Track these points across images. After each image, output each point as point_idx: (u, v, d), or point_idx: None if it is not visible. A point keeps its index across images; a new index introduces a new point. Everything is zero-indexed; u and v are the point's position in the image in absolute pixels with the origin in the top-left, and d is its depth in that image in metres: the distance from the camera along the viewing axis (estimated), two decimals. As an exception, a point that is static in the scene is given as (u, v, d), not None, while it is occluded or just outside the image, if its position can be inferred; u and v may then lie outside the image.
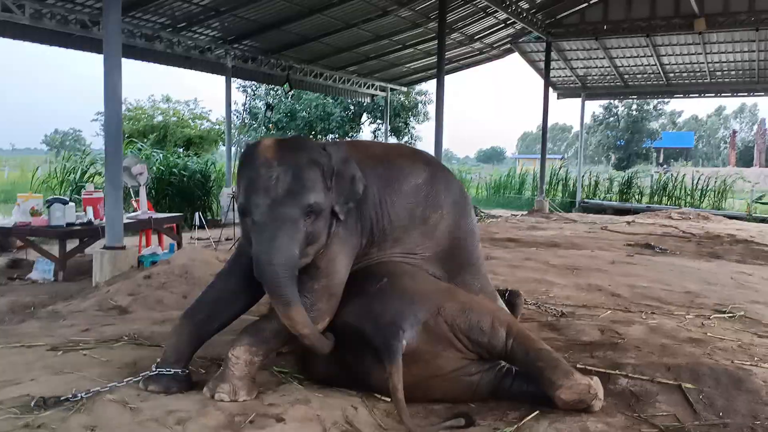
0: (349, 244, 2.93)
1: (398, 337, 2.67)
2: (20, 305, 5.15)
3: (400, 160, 3.28)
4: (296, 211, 2.61)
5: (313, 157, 2.73)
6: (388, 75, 17.41)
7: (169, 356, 2.84)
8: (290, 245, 2.58)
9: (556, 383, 2.70)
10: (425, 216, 3.21)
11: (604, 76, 18.14)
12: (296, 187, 2.62)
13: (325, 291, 2.81)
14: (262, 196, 2.62)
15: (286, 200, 2.60)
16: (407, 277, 3.00)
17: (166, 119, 20.23)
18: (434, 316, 2.81)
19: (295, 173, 2.64)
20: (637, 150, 39.76)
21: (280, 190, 2.61)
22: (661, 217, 13.13)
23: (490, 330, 2.83)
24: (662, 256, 7.83)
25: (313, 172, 2.70)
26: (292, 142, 2.82)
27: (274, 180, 2.61)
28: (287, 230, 2.59)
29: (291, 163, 2.66)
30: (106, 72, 5.85)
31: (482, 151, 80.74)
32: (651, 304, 4.83)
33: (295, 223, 2.60)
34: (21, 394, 2.60)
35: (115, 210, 5.98)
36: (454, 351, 2.85)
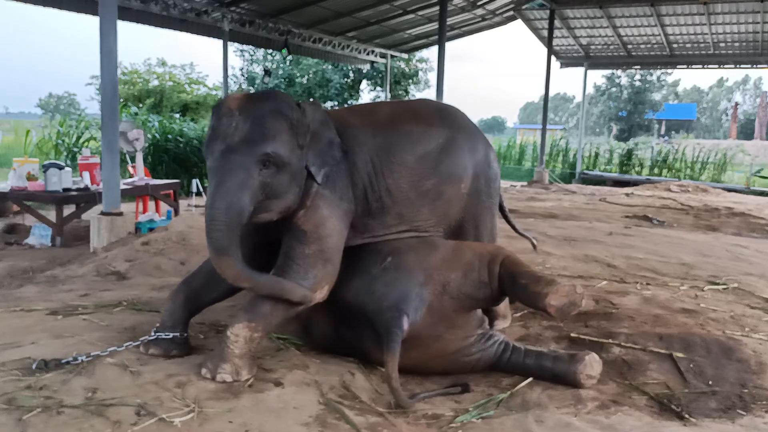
0: (340, 209, 2.82)
1: (399, 324, 2.65)
2: (18, 270, 5.17)
3: (409, 125, 3.07)
4: (248, 159, 2.52)
5: (278, 108, 2.64)
6: (389, 41, 17.21)
7: (166, 320, 2.86)
8: (236, 192, 2.50)
9: (542, 293, 2.67)
10: (438, 191, 3.05)
11: (607, 46, 17.94)
12: (253, 135, 2.54)
13: (318, 256, 2.72)
14: (218, 143, 2.57)
15: (239, 146, 2.53)
16: (412, 253, 2.90)
17: (162, 84, 20.06)
18: (439, 295, 2.78)
19: (255, 122, 2.56)
20: (639, 121, 39.64)
21: (237, 137, 2.54)
22: (660, 190, 13.13)
23: (489, 276, 2.83)
24: (659, 228, 7.86)
25: (277, 122, 2.60)
26: (261, 93, 2.75)
27: (233, 128, 2.55)
28: (236, 176, 2.51)
29: (252, 112, 2.59)
30: (101, 35, 5.77)
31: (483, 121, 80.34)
32: (646, 275, 4.87)
33: (246, 170, 2.52)
34: (22, 356, 2.63)
35: (112, 176, 5.96)
36: (457, 330, 2.86)
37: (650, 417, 2.57)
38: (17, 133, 14.58)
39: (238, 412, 2.31)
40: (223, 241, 2.48)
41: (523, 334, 3.42)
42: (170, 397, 2.37)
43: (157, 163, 12.08)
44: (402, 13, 14.87)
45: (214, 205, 2.51)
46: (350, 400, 2.57)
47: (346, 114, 3.13)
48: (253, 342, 2.64)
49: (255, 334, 2.63)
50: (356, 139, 2.93)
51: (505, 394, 2.71)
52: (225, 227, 2.48)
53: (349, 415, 2.39)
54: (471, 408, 2.60)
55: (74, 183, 6.97)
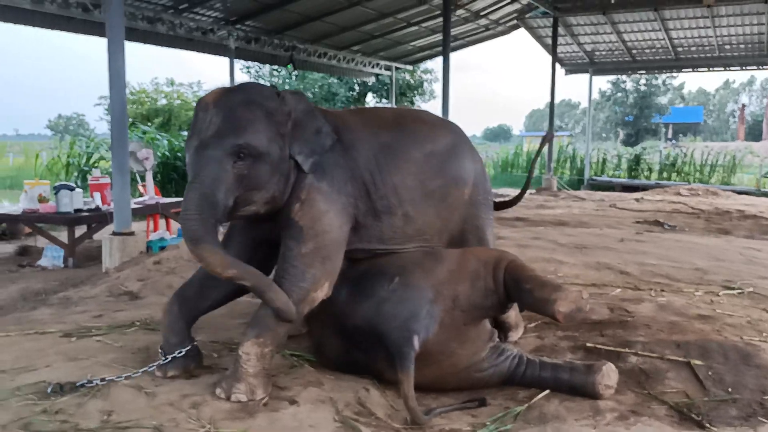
0: (338, 203, 2.75)
1: (411, 344, 2.63)
2: (31, 292, 5.20)
3: (415, 125, 3.06)
4: (219, 152, 2.48)
5: (251, 98, 2.60)
6: (393, 53, 17.29)
7: (169, 338, 2.79)
8: (210, 185, 2.46)
9: (549, 299, 2.64)
10: (444, 193, 3.01)
11: (611, 51, 17.95)
12: (225, 128, 2.50)
13: (315, 254, 2.65)
14: (194, 139, 2.56)
15: (211, 140, 2.50)
16: (419, 270, 2.86)
17: (170, 102, 20.21)
18: (450, 311, 2.75)
19: (226, 114, 2.52)
20: (646, 125, 39.59)
21: (210, 131, 2.51)
22: (670, 194, 13.06)
23: (495, 283, 2.82)
24: (671, 232, 7.81)
25: (249, 113, 2.55)
26: (238, 86, 2.72)
27: (207, 123, 2.52)
28: (208, 171, 2.47)
29: (225, 105, 2.55)
30: (110, 56, 5.83)
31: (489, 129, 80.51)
32: (660, 282, 4.82)
33: (218, 163, 2.48)
34: (37, 380, 2.63)
35: (123, 195, 5.99)
36: (469, 345, 2.84)
37: (671, 427, 2.53)
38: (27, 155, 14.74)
39: (254, 431, 2.29)
40: (198, 230, 2.44)
41: (538, 345, 3.39)
42: (186, 418, 2.36)
43: (166, 182, 12.15)
44: (406, 26, 14.96)
45: (187, 198, 2.50)
46: (366, 416, 2.55)
47: (345, 113, 3.09)
48: (265, 358, 2.59)
49: (265, 349, 2.58)
50: (357, 135, 2.88)
51: (522, 407, 2.68)
52: (198, 218, 2.44)
53: (366, 432, 2.38)
54: (488, 422, 2.57)
55: (85, 204, 7.03)
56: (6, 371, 2.79)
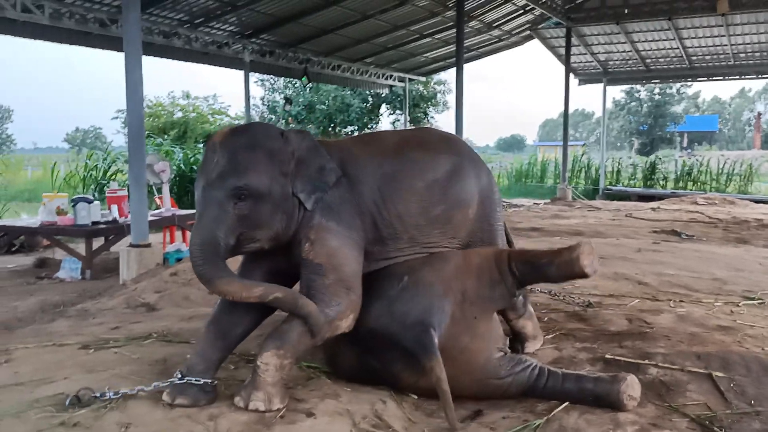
0: (350, 239, 2.82)
1: (430, 336, 2.66)
2: (50, 304, 5.24)
3: (416, 153, 3.07)
4: (220, 194, 2.60)
5: (254, 140, 2.71)
6: (407, 65, 17.36)
7: (196, 364, 2.71)
8: (211, 226, 2.59)
9: (573, 258, 2.71)
10: (448, 216, 3.06)
11: (625, 61, 17.90)
12: (226, 170, 2.61)
13: (339, 285, 2.72)
14: (201, 179, 2.68)
15: (215, 182, 2.62)
16: (427, 268, 2.92)
17: (185, 115, 20.40)
18: (460, 304, 2.81)
19: (230, 156, 2.63)
20: (661, 134, 39.38)
21: (214, 173, 2.63)
22: (686, 203, 12.95)
23: (500, 274, 2.89)
24: (689, 242, 7.73)
25: (251, 155, 2.66)
26: (243, 127, 2.84)
27: (214, 163, 2.64)
28: (210, 212, 2.61)
29: (229, 146, 2.66)
30: (127, 70, 5.90)
31: (502, 140, 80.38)
32: (679, 292, 4.77)
33: (220, 205, 2.60)
34: (56, 392, 2.64)
35: (140, 208, 6.05)
36: (479, 340, 2.84)
37: (692, 440, 2.50)
38: (45, 168, 14.91)
39: (272, 444, 2.29)
40: (207, 271, 2.57)
41: (557, 357, 3.35)
42: (203, 430, 2.36)
43: (183, 194, 12.24)
44: (419, 38, 15.03)
45: (192, 241, 2.65)
46: (383, 429, 2.53)
47: (350, 144, 3.13)
48: (284, 369, 2.62)
49: (284, 361, 2.61)
50: (362, 168, 2.94)
51: (542, 420, 2.65)
52: (203, 260, 2.57)
53: (384, 445, 2.36)
54: (507, 435, 2.55)
55: (103, 216, 7.09)
56: (25, 383, 2.81)
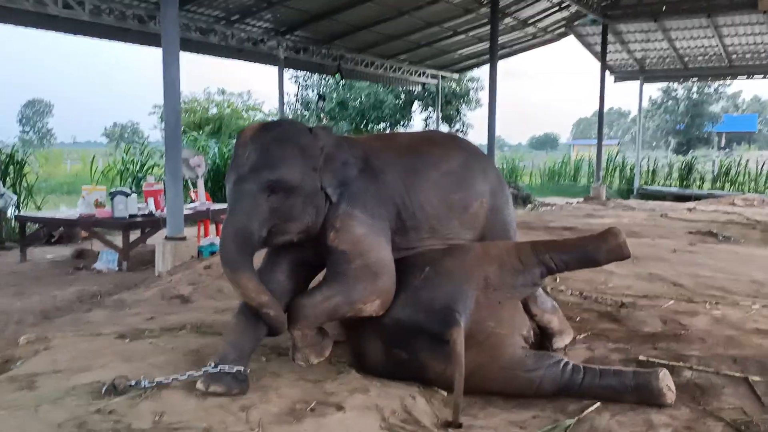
0: (374, 226, 2.90)
1: (455, 319, 2.72)
2: (87, 294, 5.36)
3: (429, 148, 3.24)
4: (253, 187, 2.67)
5: (285, 135, 2.80)
6: (440, 62, 17.30)
7: (229, 354, 2.75)
8: (244, 218, 2.66)
9: (618, 243, 2.95)
10: (465, 203, 3.17)
11: (663, 59, 17.58)
12: (259, 164, 2.69)
13: (364, 270, 2.80)
14: (232, 174, 2.75)
15: (247, 176, 2.69)
16: (448, 258, 3.00)
17: (220, 111, 20.64)
18: (483, 289, 2.85)
19: (262, 150, 2.71)
20: (698, 134, 38.57)
21: (246, 167, 2.70)
22: (723, 204, 12.66)
23: (522, 263, 2.96)
24: (726, 244, 7.57)
25: (282, 149, 2.74)
26: (273, 122, 2.95)
27: (245, 158, 2.71)
28: (243, 204, 2.68)
29: (261, 141, 2.74)
30: (164, 66, 6.00)
31: (535, 138, 79.57)
32: (715, 294, 4.67)
33: (252, 197, 2.67)
34: (92, 380, 2.70)
35: (176, 201, 6.14)
36: (505, 325, 2.86)
37: (727, 444, 2.45)
38: (84, 162, 15.24)
39: (302, 436, 2.31)
40: (235, 259, 2.65)
41: (588, 357, 3.31)
42: (235, 420, 2.39)
43: (216, 188, 12.38)
44: (452, 35, 14.96)
45: (225, 230, 2.73)
46: (412, 425, 2.54)
47: (368, 140, 3.29)
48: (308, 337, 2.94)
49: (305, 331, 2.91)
50: (384, 160, 3.05)
51: (573, 420, 2.63)
52: (235, 248, 2.65)
53: (413, 440, 2.36)
54: (537, 434, 2.54)
55: (139, 209, 7.23)
56: (62, 371, 2.88)
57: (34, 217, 8.32)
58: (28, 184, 10.63)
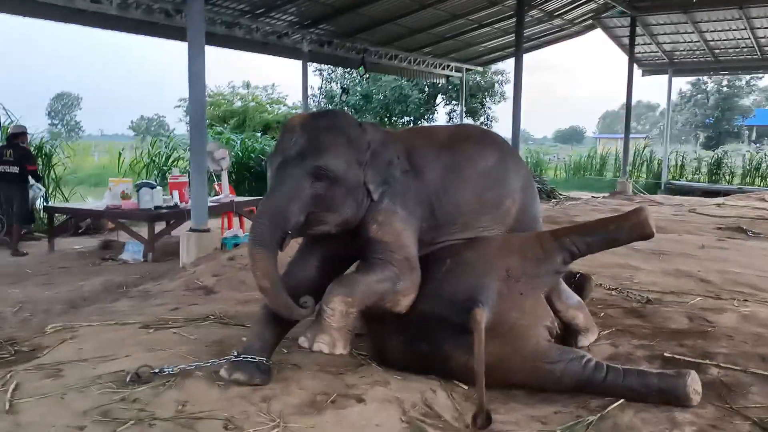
0: (411, 224, 2.93)
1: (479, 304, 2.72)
2: (113, 284, 5.44)
3: (466, 144, 3.24)
4: (299, 171, 2.65)
5: (336, 124, 2.79)
6: (464, 55, 17.17)
7: (253, 344, 2.78)
8: (284, 199, 2.63)
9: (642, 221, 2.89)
10: (498, 201, 3.19)
11: (692, 51, 17.27)
12: (307, 149, 2.67)
13: (406, 263, 2.82)
14: (277, 156, 2.72)
15: (294, 160, 2.67)
16: (469, 250, 3.00)
17: (245, 104, 20.75)
18: (505, 280, 2.86)
19: (311, 137, 2.70)
20: (728, 128, 37.89)
21: (293, 150, 2.68)
22: (753, 199, 12.43)
23: (545, 255, 2.96)
24: (756, 240, 7.43)
25: (332, 137, 2.73)
26: (323, 112, 2.96)
27: (292, 143, 2.70)
28: (286, 186, 2.65)
29: (311, 127, 2.74)
30: (190, 60, 6.04)
31: (560, 131, 78.73)
32: (744, 291, 4.59)
33: (297, 180, 2.64)
34: (117, 369, 2.74)
35: (200, 194, 6.19)
36: (528, 316, 2.84)
37: (754, 444, 2.40)
38: (111, 154, 15.44)
39: (322, 427, 2.32)
40: (264, 235, 2.62)
41: (612, 353, 3.27)
42: (256, 411, 2.41)
43: (240, 181, 12.47)
44: (477, 27, 14.83)
45: (262, 208, 2.71)
46: (432, 418, 2.53)
47: (408, 135, 3.28)
48: (349, 318, 2.71)
49: (350, 309, 2.70)
50: (424, 158, 3.06)
51: (595, 417, 2.59)
52: (268, 224, 2.62)
53: (433, 434, 2.36)
54: (559, 430, 2.51)
55: (164, 201, 7.31)
56: (88, 359, 2.94)
57: (62, 208, 8.46)
58: (56, 176, 10.79)
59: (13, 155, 7.79)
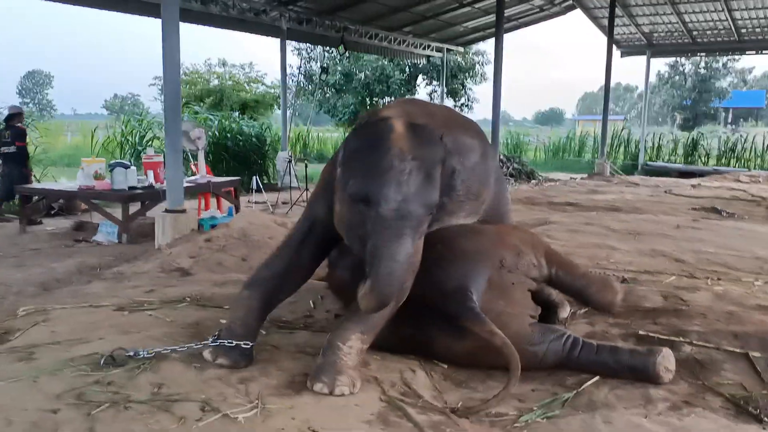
0: None
1: (472, 299, 2.70)
2: (87, 266, 5.36)
3: (460, 132, 3.17)
4: (423, 210, 2.44)
5: (441, 153, 2.57)
6: (445, 35, 17.09)
7: (236, 329, 2.73)
8: (412, 243, 2.43)
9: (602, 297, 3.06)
10: (479, 192, 3.20)
11: (671, 33, 17.35)
12: (427, 185, 2.45)
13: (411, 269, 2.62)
14: (393, 190, 2.36)
15: (417, 198, 2.40)
16: (460, 237, 2.99)
17: (222, 83, 20.47)
18: (497, 269, 2.86)
19: (428, 170, 2.45)
20: (705, 110, 38.25)
21: (413, 187, 2.39)
22: (728, 180, 12.62)
23: (539, 264, 3.01)
24: (730, 220, 7.55)
25: (439, 169, 2.54)
26: (425, 133, 2.56)
27: (407, 175, 2.39)
28: (412, 227, 2.41)
29: (424, 158, 2.46)
30: (164, 37, 5.91)
31: (540, 113, 79.10)
32: (717, 270, 4.66)
33: (420, 221, 2.45)
34: (91, 352, 2.69)
35: (176, 174, 6.10)
36: (516, 305, 2.87)
37: (726, 419, 2.44)
38: (84, 134, 15.16)
39: (301, 408, 2.31)
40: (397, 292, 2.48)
41: (589, 332, 3.30)
42: (234, 393, 2.39)
43: (217, 161, 12.33)
44: (458, 6, 14.75)
45: (397, 258, 2.37)
46: (412, 398, 2.53)
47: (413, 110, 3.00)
48: (363, 352, 2.63)
49: (365, 345, 2.62)
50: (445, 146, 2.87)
51: (571, 394, 2.63)
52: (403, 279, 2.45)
53: (412, 414, 2.36)
54: (536, 407, 2.53)
55: (139, 181, 7.20)
56: (61, 342, 2.88)
57: (34, 189, 8.30)
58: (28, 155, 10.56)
59: (10, 135, 8.49)
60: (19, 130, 8.70)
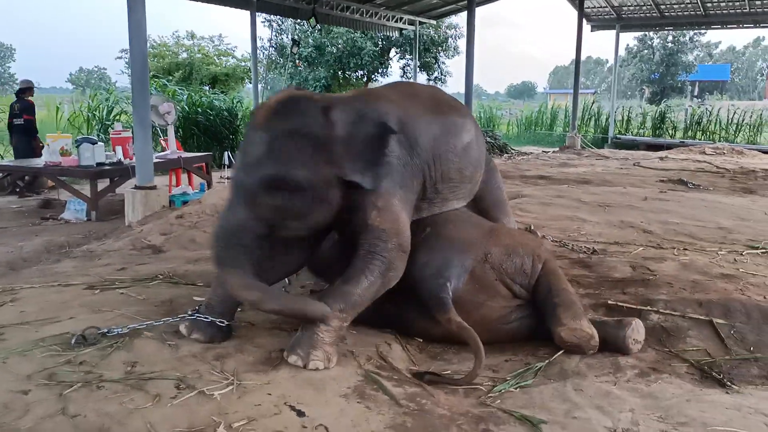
0: (408, 202, 2.86)
1: (446, 290, 2.71)
2: (55, 245, 5.26)
3: (451, 114, 3.18)
4: (254, 181, 2.47)
5: (301, 126, 2.51)
6: (417, 7, 16.89)
7: (215, 306, 2.74)
8: (239, 213, 2.50)
9: (561, 320, 2.75)
10: (473, 174, 3.29)
11: (639, 7, 17.40)
12: (263, 157, 2.46)
13: (398, 249, 2.69)
14: (239, 158, 2.59)
15: (250, 167, 2.49)
16: (450, 224, 3.02)
17: (191, 56, 20.10)
18: (481, 263, 2.86)
19: (270, 142, 2.47)
20: (672, 83, 38.66)
21: (251, 157, 2.49)
22: (694, 153, 12.84)
23: (532, 270, 2.94)
24: (695, 191, 7.69)
25: (293, 143, 2.48)
26: (291, 105, 2.56)
27: (252, 145, 2.50)
28: (241, 198, 2.50)
29: (272, 130, 2.49)
30: (129, 8, 5.76)
31: (513, 87, 79.26)
32: (683, 241, 4.77)
33: (252, 193, 2.48)
34: (61, 331, 2.66)
35: (145, 149, 6.00)
36: (499, 299, 2.89)
37: (691, 384, 2.52)
38: (49, 109, 14.72)
39: (277, 384, 2.32)
40: (221, 256, 2.51)
41: (559, 303, 3.37)
42: (209, 370, 2.39)
43: (188, 136, 12.13)
44: (429, -22, 14.58)
45: (218, 223, 2.60)
46: (388, 371, 2.57)
47: (395, 96, 3.02)
48: (342, 330, 2.62)
49: (345, 323, 2.61)
50: (418, 128, 2.91)
51: (543, 363, 2.68)
52: (223, 245, 2.51)
53: (387, 386, 2.39)
54: (509, 377, 2.58)
55: (107, 157, 7.06)
56: (30, 322, 2.83)
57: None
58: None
59: (19, 108, 8.71)
60: (28, 103, 8.85)
